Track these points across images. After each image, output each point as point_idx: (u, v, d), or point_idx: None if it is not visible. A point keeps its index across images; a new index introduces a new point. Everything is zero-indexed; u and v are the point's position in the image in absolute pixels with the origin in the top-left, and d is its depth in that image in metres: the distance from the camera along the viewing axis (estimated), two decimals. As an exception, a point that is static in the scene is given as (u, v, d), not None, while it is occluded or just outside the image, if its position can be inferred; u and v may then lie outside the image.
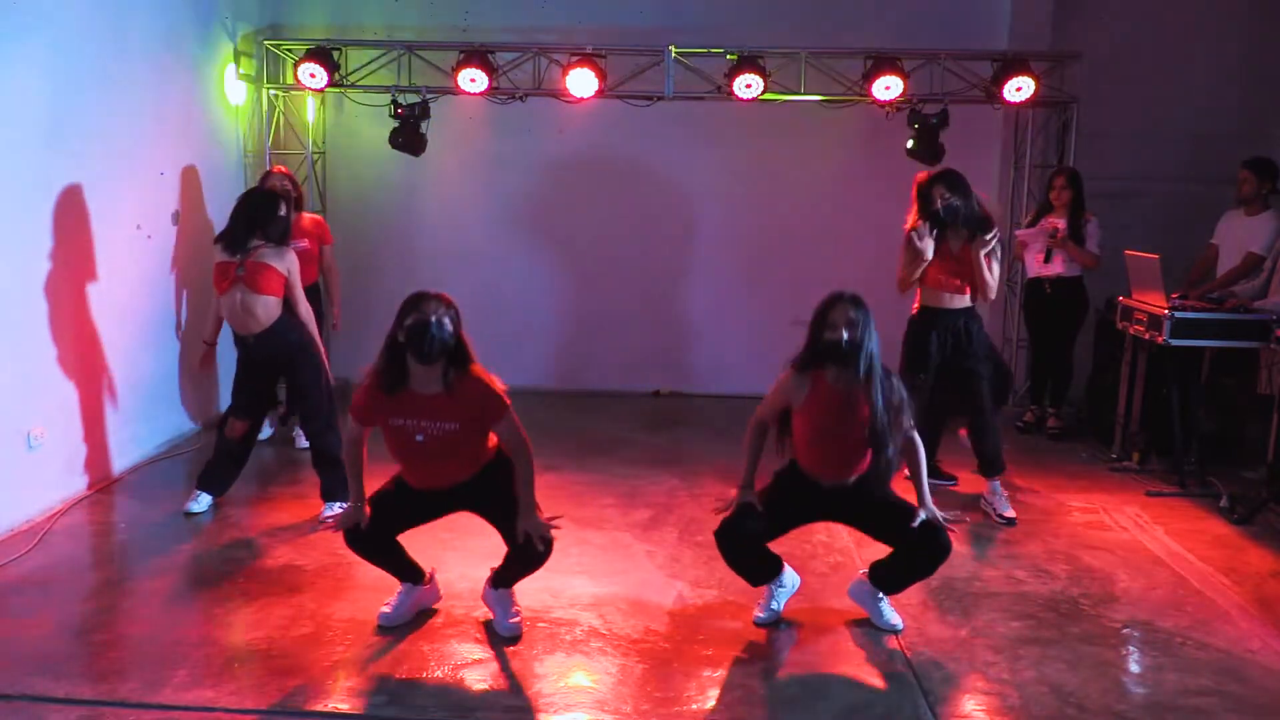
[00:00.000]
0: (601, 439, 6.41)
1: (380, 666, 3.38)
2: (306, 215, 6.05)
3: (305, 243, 5.85)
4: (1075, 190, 6.21)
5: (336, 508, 4.76)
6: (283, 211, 4.70)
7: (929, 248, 4.86)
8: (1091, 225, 6.20)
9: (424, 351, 3.30)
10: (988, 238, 4.81)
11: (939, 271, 4.93)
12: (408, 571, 3.74)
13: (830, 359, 3.46)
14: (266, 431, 6.18)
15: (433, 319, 3.29)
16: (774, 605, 3.77)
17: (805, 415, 3.56)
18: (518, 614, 3.69)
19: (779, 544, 3.78)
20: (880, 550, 3.75)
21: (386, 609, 3.69)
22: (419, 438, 3.39)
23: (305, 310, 4.74)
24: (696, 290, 7.67)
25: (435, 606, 3.82)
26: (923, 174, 5.08)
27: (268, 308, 4.60)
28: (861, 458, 3.54)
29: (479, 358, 3.48)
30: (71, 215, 5.01)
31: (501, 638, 3.59)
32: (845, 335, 3.40)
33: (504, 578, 3.68)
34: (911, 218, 4.96)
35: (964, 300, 4.98)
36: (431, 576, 3.83)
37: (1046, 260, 6.30)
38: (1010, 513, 4.91)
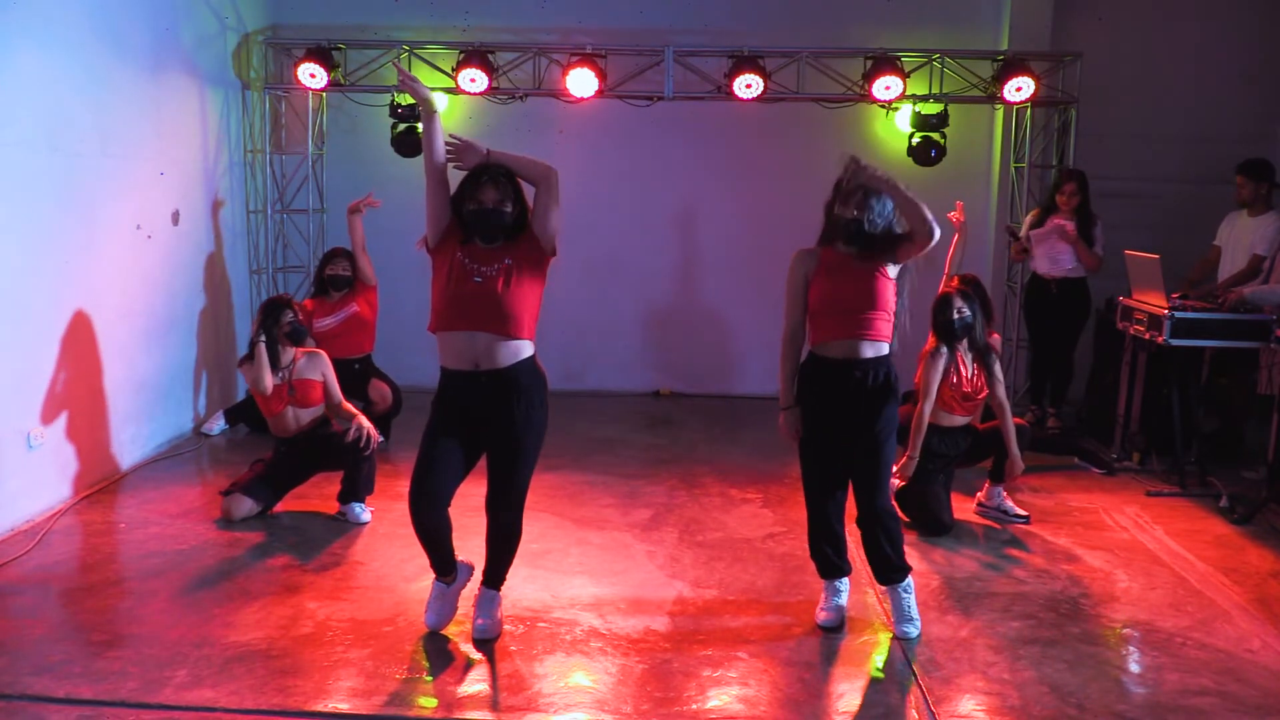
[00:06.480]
0: (601, 439, 6.40)
1: (380, 666, 3.37)
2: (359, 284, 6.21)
3: (357, 307, 6.12)
4: (1084, 196, 6.21)
5: (359, 508, 4.81)
6: (289, 317, 4.92)
7: None
8: (1098, 229, 6.22)
9: (487, 236, 3.49)
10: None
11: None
12: (446, 558, 3.61)
13: (844, 237, 3.60)
14: (220, 427, 6.32)
15: (491, 208, 3.44)
16: (839, 600, 3.81)
17: (817, 282, 3.63)
18: (497, 618, 3.62)
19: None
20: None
21: (431, 615, 3.64)
22: (477, 279, 3.46)
23: (339, 400, 4.97)
24: (696, 290, 7.67)
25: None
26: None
27: (317, 413, 4.96)
28: (866, 313, 3.54)
29: None
30: (71, 215, 5.01)
31: (476, 639, 3.56)
32: (856, 214, 3.53)
33: (490, 572, 3.65)
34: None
35: None
36: (458, 564, 3.74)
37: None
38: (1021, 510, 4.94)
